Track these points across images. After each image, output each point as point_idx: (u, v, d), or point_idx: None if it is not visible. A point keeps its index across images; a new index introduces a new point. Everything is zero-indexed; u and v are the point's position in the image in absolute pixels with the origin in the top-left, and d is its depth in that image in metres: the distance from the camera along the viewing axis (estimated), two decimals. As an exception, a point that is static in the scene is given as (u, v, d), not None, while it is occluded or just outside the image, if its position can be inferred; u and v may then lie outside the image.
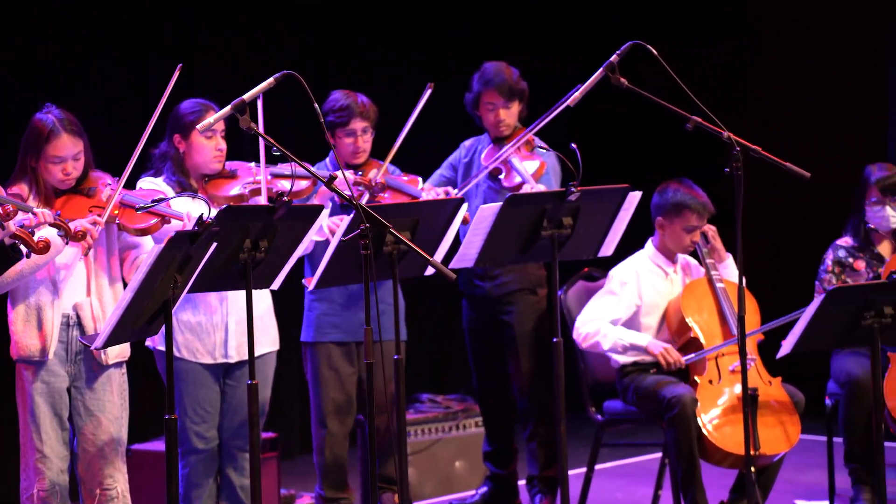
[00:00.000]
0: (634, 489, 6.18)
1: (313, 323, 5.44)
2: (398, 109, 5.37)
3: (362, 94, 5.36)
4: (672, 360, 5.27)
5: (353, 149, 5.33)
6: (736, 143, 4.61)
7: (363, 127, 5.32)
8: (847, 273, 5.56)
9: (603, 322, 5.38)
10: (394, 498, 5.56)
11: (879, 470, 4.69)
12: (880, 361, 4.71)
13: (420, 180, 5.43)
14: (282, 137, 4.40)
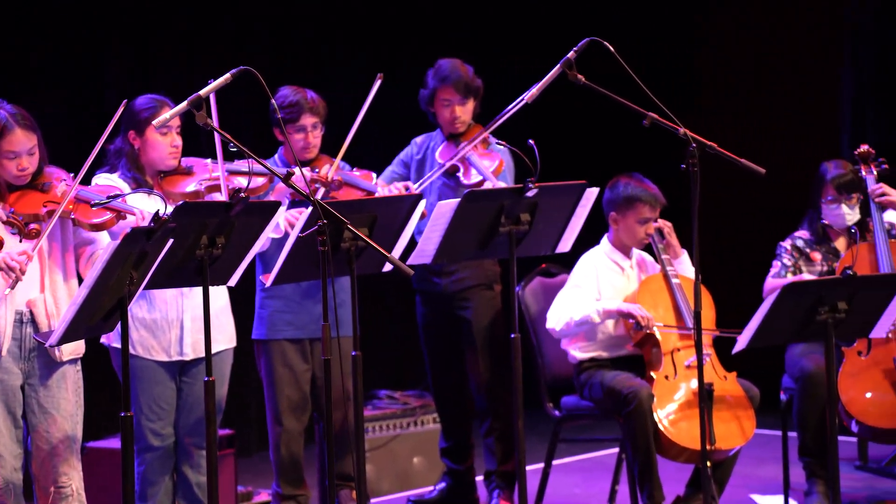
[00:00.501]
0: (591, 484, 6.20)
1: (266, 320, 5.42)
2: (349, 106, 5.37)
3: (312, 90, 5.35)
4: (646, 315, 5.28)
5: (303, 145, 5.31)
6: (692, 139, 4.64)
7: (313, 123, 5.30)
8: (803, 260, 5.61)
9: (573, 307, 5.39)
10: (351, 494, 5.55)
11: (833, 464, 4.73)
12: (834, 356, 4.76)
13: (374, 175, 5.43)
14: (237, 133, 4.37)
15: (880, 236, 5.53)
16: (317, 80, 5.77)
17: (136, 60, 6.83)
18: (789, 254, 5.60)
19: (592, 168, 6.08)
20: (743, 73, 8.47)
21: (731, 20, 8.49)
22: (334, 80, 7.06)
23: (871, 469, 6.25)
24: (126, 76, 6.76)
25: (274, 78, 5.57)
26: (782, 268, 5.56)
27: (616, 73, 4.67)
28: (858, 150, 5.73)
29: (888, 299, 4.82)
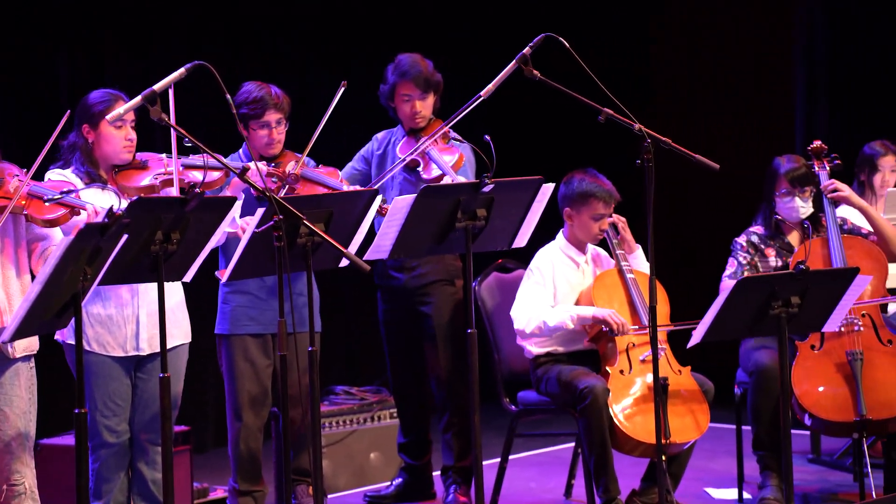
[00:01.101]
0: (548, 479, 6.23)
1: (229, 315, 5.41)
2: (312, 102, 5.35)
3: (275, 85, 5.33)
4: (620, 321, 5.31)
5: (267, 140, 5.30)
6: (647, 134, 4.67)
7: (277, 119, 5.30)
8: (758, 256, 5.66)
9: (542, 307, 5.40)
10: (308, 490, 5.55)
11: (787, 457, 4.77)
12: (787, 350, 4.80)
13: (339, 172, 5.42)
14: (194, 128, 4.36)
15: (833, 231, 5.58)
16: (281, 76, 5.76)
17: (90, 55, 6.78)
18: (745, 251, 5.64)
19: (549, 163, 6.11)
20: (697, 70, 8.53)
21: (685, 17, 8.55)
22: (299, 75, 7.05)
23: (824, 462, 6.31)
24: (79, 70, 6.71)
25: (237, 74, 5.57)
26: (738, 266, 5.59)
27: (572, 69, 4.69)
28: (811, 146, 5.78)
29: (840, 293, 4.87)
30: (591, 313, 5.35)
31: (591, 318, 5.35)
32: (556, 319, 5.34)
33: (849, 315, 5.37)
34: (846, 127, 7.86)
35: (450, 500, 5.65)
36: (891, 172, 6.45)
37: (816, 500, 5.73)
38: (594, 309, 5.36)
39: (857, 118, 7.89)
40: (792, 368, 5.35)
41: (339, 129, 5.77)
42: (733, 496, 5.75)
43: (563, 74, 4.80)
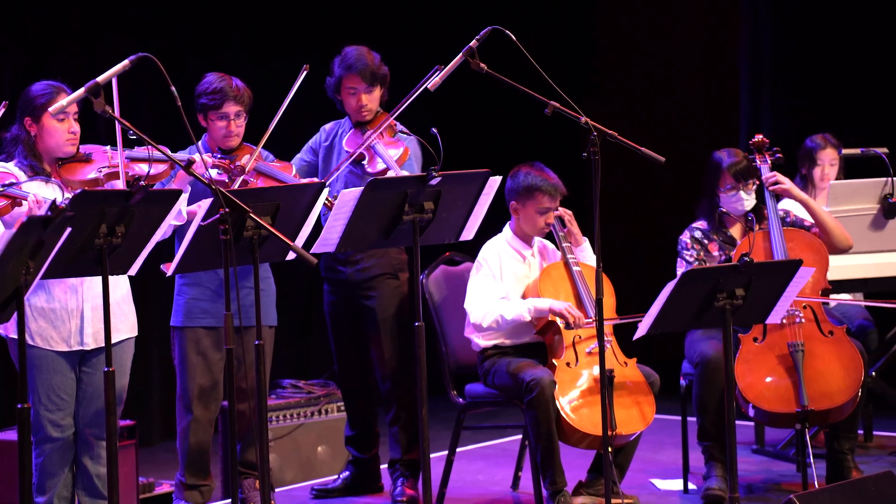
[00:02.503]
0: (495, 471, 6.24)
1: (183, 308, 5.39)
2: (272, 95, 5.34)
3: (237, 77, 5.32)
4: (576, 315, 5.33)
5: (225, 132, 5.29)
6: (593, 127, 4.69)
7: (236, 111, 5.29)
8: (704, 252, 5.70)
9: (497, 300, 5.41)
10: (255, 484, 5.53)
11: (731, 447, 4.82)
12: (732, 342, 4.85)
13: (293, 166, 5.41)
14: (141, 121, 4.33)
15: (775, 224, 5.64)
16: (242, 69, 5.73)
17: (31, 47, 6.70)
18: (690, 248, 5.68)
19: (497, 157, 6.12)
20: (643, 63, 8.58)
21: (631, 11, 8.60)
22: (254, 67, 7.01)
23: (768, 453, 6.38)
24: (21, 63, 6.63)
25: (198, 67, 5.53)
26: (687, 266, 5.63)
27: (520, 62, 4.70)
28: (753, 140, 5.84)
29: (783, 286, 4.92)
30: (548, 305, 5.36)
31: (547, 311, 5.37)
32: (514, 312, 5.36)
33: (791, 307, 5.42)
34: (789, 120, 7.93)
35: (397, 493, 5.65)
36: (831, 166, 6.52)
37: (760, 490, 5.78)
38: (551, 301, 5.38)
39: (800, 112, 7.97)
40: (736, 360, 5.39)
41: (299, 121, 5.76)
42: (678, 487, 5.79)
43: (511, 67, 4.81)
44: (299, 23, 7.62)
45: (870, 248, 6.12)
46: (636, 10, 8.59)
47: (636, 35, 8.59)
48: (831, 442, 5.66)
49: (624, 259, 7.67)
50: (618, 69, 8.60)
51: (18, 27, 6.66)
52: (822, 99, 8.00)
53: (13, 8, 6.63)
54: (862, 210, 6.15)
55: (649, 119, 8.27)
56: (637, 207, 8.42)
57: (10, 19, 6.63)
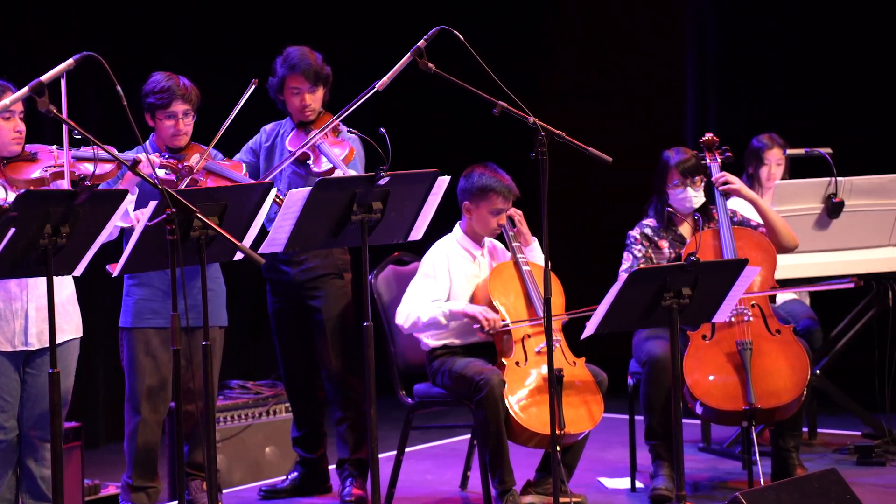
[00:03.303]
0: (443, 471, 6.25)
1: (132, 308, 5.36)
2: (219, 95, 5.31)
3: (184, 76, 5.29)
4: (490, 318, 5.34)
5: (173, 131, 5.27)
6: (541, 127, 4.70)
7: (184, 110, 5.26)
8: (652, 248, 5.73)
9: (423, 302, 5.42)
10: (202, 485, 5.50)
11: (678, 446, 4.85)
12: (679, 341, 4.89)
13: (244, 165, 5.38)
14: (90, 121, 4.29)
15: (724, 223, 5.68)
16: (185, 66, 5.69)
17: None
18: (639, 243, 5.71)
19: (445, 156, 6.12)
20: (591, 64, 8.61)
21: (578, 11, 8.63)
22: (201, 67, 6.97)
23: (714, 450, 6.42)
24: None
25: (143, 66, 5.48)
26: (634, 260, 5.66)
27: (469, 62, 4.71)
28: (703, 139, 5.88)
29: (730, 284, 4.96)
30: (462, 308, 5.38)
31: (461, 314, 5.39)
32: (428, 315, 5.38)
33: (738, 305, 5.47)
34: (737, 119, 8.00)
35: (345, 493, 5.64)
36: (777, 165, 6.58)
37: (706, 488, 5.83)
38: (465, 305, 5.40)
39: (748, 111, 8.04)
40: (683, 359, 5.43)
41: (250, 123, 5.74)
42: (626, 485, 5.83)
43: (460, 68, 4.81)
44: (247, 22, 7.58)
45: (814, 247, 6.19)
46: (584, 11, 8.62)
47: (584, 36, 8.62)
48: (776, 440, 5.71)
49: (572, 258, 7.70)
50: (566, 69, 8.63)
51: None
52: (768, 99, 8.08)
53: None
54: (806, 209, 6.22)
55: (597, 119, 8.30)
56: (585, 207, 8.46)
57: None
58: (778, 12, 8.05)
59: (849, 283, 5.50)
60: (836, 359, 6.47)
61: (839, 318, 6.55)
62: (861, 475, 5.84)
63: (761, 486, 5.00)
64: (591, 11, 8.61)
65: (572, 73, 8.62)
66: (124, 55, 6.72)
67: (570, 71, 8.63)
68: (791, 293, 6.46)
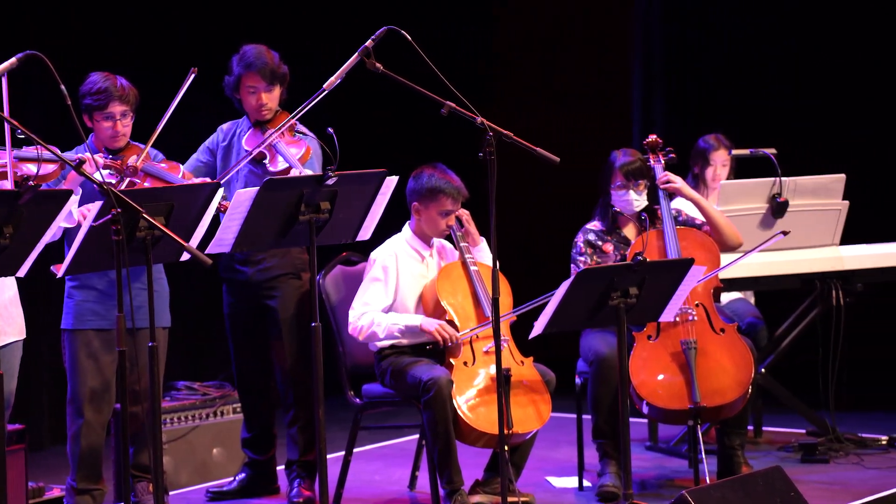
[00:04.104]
0: (392, 471, 6.24)
1: (73, 310, 5.30)
2: (160, 93, 5.27)
3: (122, 77, 5.24)
4: (448, 335, 5.35)
5: (111, 133, 5.22)
6: (489, 128, 4.71)
7: (122, 111, 5.22)
8: (597, 254, 5.76)
9: (375, 312, 5.42)
10: (148, 487, 5.46)
11: (625, 445, 4.88)
12: (626, 340, 4.91)
13: (181, 167, 5.34)
14: (31, 121, 4.24)
15: (668, 223, 5.72)
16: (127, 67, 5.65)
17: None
18: (583, 253, 5.74)
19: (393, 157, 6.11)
20: (538, 65, 8.64)
21: (526, 12, 8.66)
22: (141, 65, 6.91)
23: (661, 449, 6.47)
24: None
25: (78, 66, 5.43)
26: None
27: (417, 63, 4.71)
28: (647, 140, 5.91)
29: (676, 284, 5.00)
30: (420, 323, 5.39)
31: (419, 329, 5.39)
32: (384, 332, 5.39)
33: (683, 305, 5.51)
34: (682, 121, 8.06)
35: (294, 494, 5.62)
36: (722, 166, 6.64)
37: (653, 486, 5.86)
38: (422, 318, 5.40)
39: (693, 112, 8.10)
40: (630, 358, 5.46)
41: (189, 120, 5.70)
42: (573, 484, 5.85)
43: (409, 68, 4.81)
44: (191, 20, 7.53)
45: (759, 246, 6.25)
46: (531, 12, 8.65)
47: (531, 37, 8.65)
48: (722, 438, 5.76)
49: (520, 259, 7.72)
50: (514, 70, 8.66)
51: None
52: (713, 100, 8.15)
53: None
54: (751, 209, 6.28)
55: (545, 120, 8.33)
56: (533, 207, 8.49)
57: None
58: (722, 13, 8.12)
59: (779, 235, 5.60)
60: (781, 357, 6.53)
61: (784, 316, 6.61)
62: (805, 473, 5.90)
63: (707, 485, 5.04)
64: (539, 13, 8.64)
65: (521, 73, 8.65)
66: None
67: (518, 72, 8.65)
68: (736, 292, 6.52)
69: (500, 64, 8.66)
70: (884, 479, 5.79)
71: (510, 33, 8.65)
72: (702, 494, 4.68)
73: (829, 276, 6.32)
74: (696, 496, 4.63)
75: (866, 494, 5.57)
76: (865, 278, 6.36)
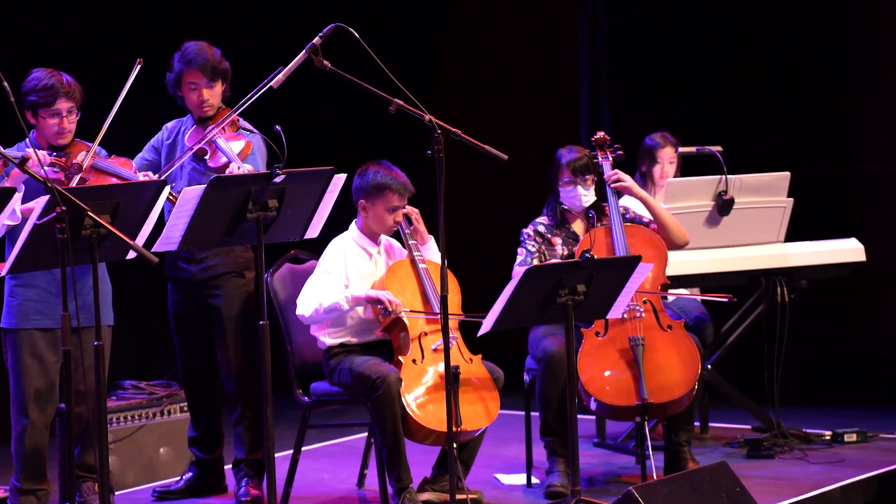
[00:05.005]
0: (340, 469, 6.23)
1: (16, 309, 5.25)
2: (106, 91, 5.23)
3: (67, 73, 5.20)
4: (394, 301, 5.33)
5: (57, 129, 5.18)
6: (437, 125, 4.71)
7: (68, 107, 5.18)
8: (545, 245, 5.78)
9: (322, 292, 5.39)
10: (94, 487, 5.42)
11: (573, 442, 4.90)
12: (574, 337, 4.94)
13: (132, 163, 5.31)
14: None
15: (616, 220, 5.75)
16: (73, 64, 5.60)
17: None
18: (532, 239, 5.76)
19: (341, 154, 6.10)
20: (486, 63, 8.66)
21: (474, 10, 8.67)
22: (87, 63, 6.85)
23: (608, 446, 6.50)
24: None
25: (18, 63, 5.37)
26: (528, 254, 5.71)
27: (366, 60, 4.70)
28: (594, 137, 5.94)
29: (623, 281, 5.03)
30: (365, 293, 5.37)
31: (364, 299, 5.38)
32: (330, 300, 5.34)
33: (631, 302, 5.54)
34: (629, 119, 8.11)
35: (241, 493, 5.60)
36: (669, 164, 6.68)
37: (601, 482, 5.89)
38: (367, 289, 5.39)
39: (640, 109, 8.15)
40: (578, 355, 5.48)
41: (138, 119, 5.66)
42: (522, 481, 5.87)
43: (357, 66, 4.80)
44: (134, 15, 7.48)
45: (705, 244, 6.30)
46: (479, 10, 8.66)
47: (480, 35, 8.66)
48: (669, 434, 5.80)
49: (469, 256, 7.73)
50: (462, 68, 8.66)
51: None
52: (660, 97, 8.20)
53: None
54: (698, 207, 6.32)
55: (493, 118, 8.35)
56: (481, 205, 8.50)
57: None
58: (667, 12, 8.17)
59: (725, 298, 5.63)
60: (727, 354, 6.58)
61: (730, 313, 6.67)
62: (750, 468, 5.95)
63: (654, 481, 5.07)
64: (488, 11, 8.65)
65: (469, 71, 8.66)
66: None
67: (466, 70, 8.66)
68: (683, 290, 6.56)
69: (448, 62, 8.66)
70: (827, 474, 5.86)
71: (459, 31, 8.66)
72: (648, 490, 4.71)
73: (774, 272, 6.38)
74: (643, 492, 4.67)
75: (810, 489, 5.63)
76: (810, 275, 6.43)
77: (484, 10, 8.65)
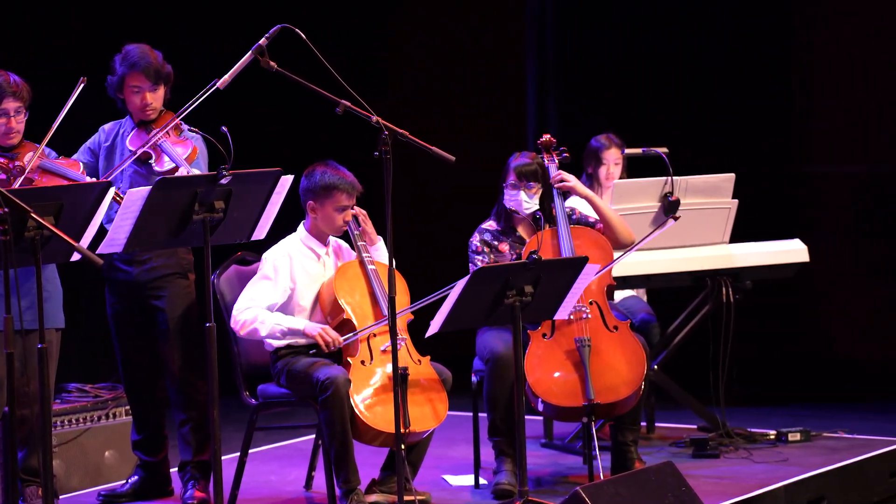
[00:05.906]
0: (288, 471, 6.21)
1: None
2: (51, 91, 5.18)
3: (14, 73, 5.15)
4: (330, 339, 5.33)
5: (4, 129, 5.14)
6: (384, 126, 4.72)
7: (16, 107, 5.14)
8: (494, 253, 5.80)
9: (260, 309, 5.38)
10: (38, 491, 5.36)
11: (521, 442, 4.92)
12: (521, 338, 4.95)
13: (81, 164, 5.26)
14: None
15: (562, 222, 5.77)
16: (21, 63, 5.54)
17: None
18: (481, 252, 5.77)
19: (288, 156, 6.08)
20: (433, 64, 8.67)
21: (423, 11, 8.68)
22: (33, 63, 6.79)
23: (556, 446, 6.52)
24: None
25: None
26: None
27: (313, 61, 4.69)
28: (541, 140, 5.96)
29: (570, 282, 5.05)
30: (303, 327, 5.37)
31: (301, 332, 5.38)
32: (266, 331, 5.35)
33: (578, 303, 5.57)
34: (575, 121, 8.15)
35: (188, 495, 5.57)
36: (615, 165, 6.71)
37: (549, 483, 5.91)
38: (305, 323, 5.39)
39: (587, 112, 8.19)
40: (525, 356, 5.50)
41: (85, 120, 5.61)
42: (470, 482, 5.88)
43: (304, 67, 4.79)
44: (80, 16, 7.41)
45: (651, 244, 6.34)
46: (428, 11, 8.67)
47: (427, 37, 8.68)
48: (616, 434, 5.83)
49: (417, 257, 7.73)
50: (409, 70, 8.67)
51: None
52: (605, 99, 8.24)
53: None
54: (644, 208, 6.37)
55: (440, 119, 8.36)
56: (429, 206, 8.51)
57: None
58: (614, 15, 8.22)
59: None
60: (673, 354, 6.63)
61: (676, 313, 6.72)
62: (696, 467, 6.00)
63: (601, 481, 5.10)
64: (435, 12, 8.66)
65: (416, 72, 8.67)
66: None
67: (414, 71, 8.67)
68: (629, 290, 6.60)
69: (395, 63, 8.66)
70: (772, 473, 5.91)
71: (406, 32, 8.67)
72: (595, 490, 4.73)
73: (720, 273, 6.44)
74: (590, 492, 4.69)
75: (755, 488, 5.68)
76: (754, 275, 6.49)
77: (431, 12, 8.66)
